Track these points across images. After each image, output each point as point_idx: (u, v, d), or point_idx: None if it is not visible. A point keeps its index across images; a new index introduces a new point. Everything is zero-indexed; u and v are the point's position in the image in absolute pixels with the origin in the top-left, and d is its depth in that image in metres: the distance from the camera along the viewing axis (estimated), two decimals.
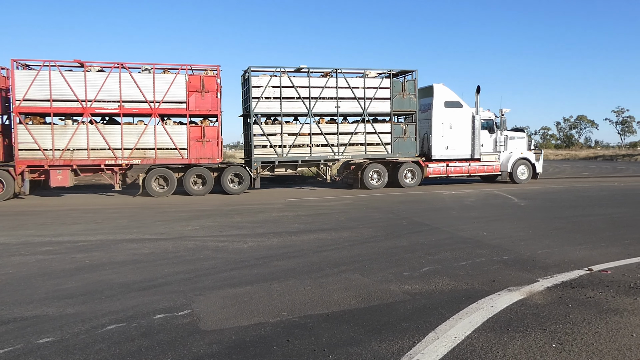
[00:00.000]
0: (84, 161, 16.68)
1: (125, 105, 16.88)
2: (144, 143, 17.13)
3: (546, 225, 9.88)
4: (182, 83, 17.25)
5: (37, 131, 16.35)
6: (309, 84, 18.67)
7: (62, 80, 16.33)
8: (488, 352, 3.80)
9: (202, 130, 17.55)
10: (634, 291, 5.31)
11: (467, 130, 20.68)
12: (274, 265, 6.77)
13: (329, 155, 19.07)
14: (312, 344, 4.02)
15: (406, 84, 19.72)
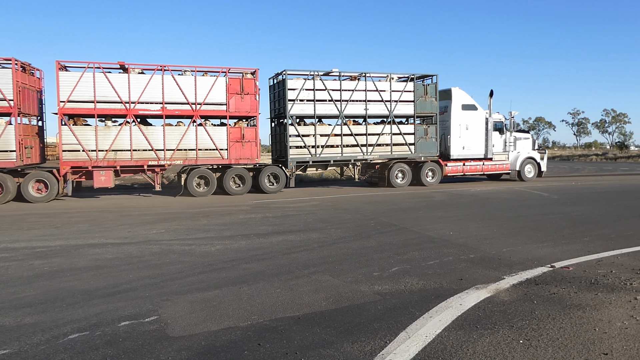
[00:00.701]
0: (127, 162, 16.80)
1: (168, 107, 17.10)
2: (186, 144, 17.40)
3: (509, 224, 10.12)
4: (222, 85, 17.61)
5: (81, 132, 16.43)
6: (340, 87, 19.31)
7: (106, 82, 16.41)
8: (458, 350, 3.84)
9: (242, 131, 18.00)
10: (594, 287, 5.48)
11: (481, 131, 21.86)
12: (242, 268, 6.68)
13: (358, 155, 19.78)
14: (284, 347, 3.97)
15: (428, 87, 20.64)
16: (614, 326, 4.28)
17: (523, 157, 22.87)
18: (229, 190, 17.80)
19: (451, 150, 21.49)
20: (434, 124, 20.97)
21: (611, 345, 3.87)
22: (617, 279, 5.75)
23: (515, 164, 22.71)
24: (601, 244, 7.85)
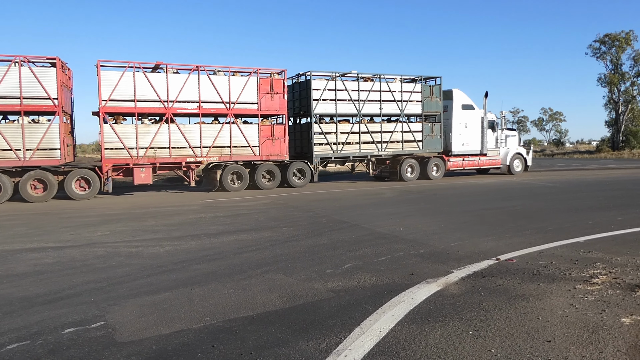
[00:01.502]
0: (166, 159, 17.38)
1: (204, 106, 17.75)
2: (221, 141, 18.13)
3: (456, 219, 10.44)
4: (254, 85, 18.48)
5: (122, 131, 16.80)
6: (358, 88, 20.62)
7: (145, 82, 16.85)
8: (411, 343, 3.92)
9: (272, 129, 19.00)
10: (537, 277, 5.75)
11: (478, 129, 23.76)
12: (193, 269, 6.53)
13: (374, 151, 21.23)
14: (239, 348, 3.91)
15: (433, 88, 22.35)
16: (555, 314, 4.49)
17: (512, 153, 25.16)
18: (260, 185, 18.81)
19: (452, 146, 23.23)
20: (438, 122, 22.70)
21: (554, 333, 4.06)
22: (557, 270, 6.05)
23: (505, 159, 24.94)
24: (542, 236, 8.24)
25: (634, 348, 3.74)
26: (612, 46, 51.57)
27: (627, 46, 51.11)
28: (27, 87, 15.41)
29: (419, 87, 22.00)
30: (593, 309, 4.62)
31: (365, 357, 3.69)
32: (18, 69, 15.29)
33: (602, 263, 6.31)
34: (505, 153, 24.95)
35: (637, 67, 52.04)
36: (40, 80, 15.54)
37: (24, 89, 15.36)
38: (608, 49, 52.05)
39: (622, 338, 3.93)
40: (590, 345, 3.80)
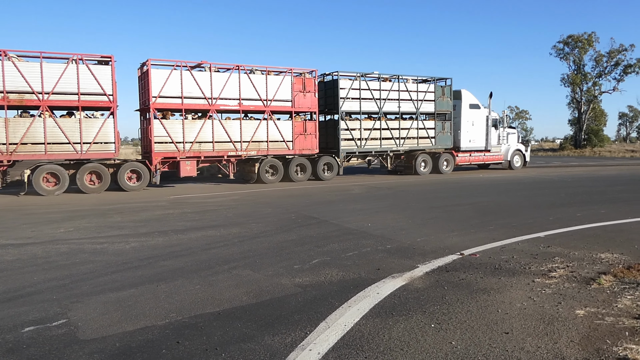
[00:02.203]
0: (209, 152, 18.51)
1: (244, 103, 18.99)
2: (258, 136, 19.44)
3: (423, 215, 10.62)
4: (288, 84, 19.84)
5: (171, 126, 17.83)
6: (379, 87, 22.10)
7: (191, 80, 17.96)
8: (375, 337, 4.00)
9: (304, 125, 20.35)
10: (498, 272, 5.92)
11: (483, 127, 25.42)
12: (160, 266, 6.47)
13: (392, 146, 22.79)
14: (204, 344, 3.91)
15: (444, 88, 24.06)
16: (514, 307, 4.65)
17: (513, 149, 27.18)
18: (293, 177, 20.11)
19: (461, 143, 24.91)
20: (449, 120, 24.35)
21: (512, 325, 4.21)
22: (518, 264, 6.24)
23: (506, 155, 26.95)
24: (505, 231, 8.47)
25: (586, 338, 3.91)
26: (575, 47, 53.06)
27: (589, 47, 52.65)
28: (84, 83, 16.24)
29: (432, 88, 23.58)
30: (550, 301, 4.80)
31: (330, 351, 3.74)
32: (76, 66, 16.12)
33: (560, 257, 6.54)
34: (506, 149, 26.89)
35: (599, 68, 53.73)
36: (97, 78, 16.44)
37: (81, 86, 16.19)
38: (571, 50, 53.54)
39: (576, 329, 4.10)
40: (546, 336, 3.96)
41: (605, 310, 4.52)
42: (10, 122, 15.59)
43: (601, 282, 5.35)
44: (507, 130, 27.20)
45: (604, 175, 22.58)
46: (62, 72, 15.90)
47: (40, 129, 15.82)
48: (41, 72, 15.70)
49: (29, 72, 15.60)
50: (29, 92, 15.66)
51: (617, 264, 6.18)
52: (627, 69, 52.29)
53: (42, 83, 15.72)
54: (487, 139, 25.47)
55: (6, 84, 15.29)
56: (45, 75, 15.74)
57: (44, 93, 15.75)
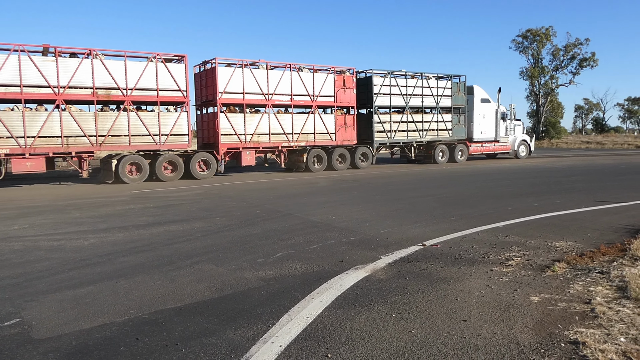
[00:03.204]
0: (266, 144, 20.39)
1: (295, 98, 20.90)
2: (307, 129, 21.36)
3: (388, 207, 10.75)
4: (331, 81, 21.89)
5: (234, 119, 19.51)
6: (406, 84, 24.27)
7: (251, 77, 19.72)
8: (337, 328, 4.03)
9: (345, 118, 22.44)
10: (458, 261, 6.06)
11: (493, 119, 27.89)
12: (120, 262, 6.33)
13: (417, 138, 24.97)
14: (164, 339, 3.86)
15: (459, 85, 26.20)
16: (472, 295, 4.77)
17: (519, 140, 29.87)
18: (335, 166, 22.08)
19: (474, 134, 27.28)
20: (463, 113, 26.57)
21: (470, 313, 4.32)
22: (477, 253, 6.41)
23: (514, 145, 29.58)
24: (466, 222, 8.66)
25: (540, 324, 4.06)
26: (534, 41, 54.59)
27: (547, 41, 54.30)
28: (162, 80, 17.71)
29: (449, 84, 25.77)
30: (506, 289, 4.95)
31: (292, 343, 3.76)
32: (155, 64, 17.54)
33: (517, 246, 6.75)
34: (513, 140, 29.49)
35: (556, 62, 55.50)
36: (173, 75, 17.89)
37: (159, 82, 17.65)
38: (530, 43, 55.06)
39: (530, 315, 4.24)
40: (502, 323, 4.08)
41: (558, 296, 4.70)
42: (99, 116, 16.90)
43: (555, 269, 5.55)
44: (514, 123, 29.57)
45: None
46: (143, 70, 17.37)
47: (124, 122, 17.21)
48: (125, 69, 17.10)
49: (114, 70, 16.96)
50: (115, 88, 17.01)
51: (570, 251, 6.42)
52: (582, 62, 54.24)
53: (126, 80, 17.12)
54: (496, 131, 27.99)
55: (95, 81, 16.61)
56: (129, 72, 17.16)
57: (127, 89, 17.15)
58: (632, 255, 5.88)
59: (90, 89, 16.56)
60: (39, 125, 15.90)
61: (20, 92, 15.53)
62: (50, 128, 16.10)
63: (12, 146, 15.56)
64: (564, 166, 23.23)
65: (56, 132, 16.18)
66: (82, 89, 16.45)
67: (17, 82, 15.43)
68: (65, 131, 16.29)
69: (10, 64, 15.32)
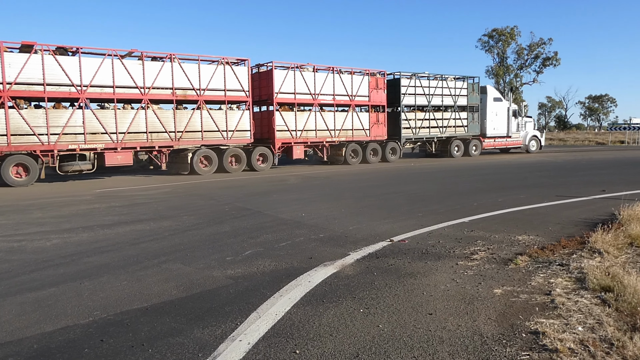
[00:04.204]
0: (313, 139, 22.65)
1: (337, 98, 23.17)
2: (347, 125, 23.70)
3: (357, 203, 10.83)
4: (366, 82, 24.20)
5: (287, 117, 21.68)
6: (429, 85, 26.66)
7: (301, 79, 21.93)
8: (305, 324, 4.06)
9: (377, 116, 24.83)
10: (425, 256, 6.17)
11: (504, 116, 30.17)
12: (84, 263, 6.19)
13: (437, 134, 27.41)
14: (130, 340, 3.80)
15: (474, 85, 28.70)
16: (438, 289, 4.87)
17: (530, 135, 32.48)
18: (368, 160, 24.47)
19: (487, 130, 29.66)
20: (477, 111, 28.96)
21: (435, 306, 4.41)
22: (443, 248, 6.53)
23: (525, 140, 32.11)
24: (433, 218, 8.81)
25: (502, 315, 4.17)
26: (499, 40, 55.85)
27: (512, 41, 55.65)
28: (229, 82, 19.79)
29: (465, 85, 28.21)
30: (471, 282, 5.07)
31: (260, 341, 3.76)
32: (223, 67, 19.59)
33: (482, 241, 6.91)
34: (524, 135, 31.97)
35: (520, 61, 56.92)
36: (238, 76, 20.00)
37: (227, 83, 19.75)
38: (495, 43, 56.30)
39: (494, 307, 4.36)
40: (466, 315, 4.18)
41: (520, 288, 4.84)
42: (178, 114, 18.72)
43: (518, 262, 5.72)
44: (525, 119, 32.18)
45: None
46: (213, 72, 19.38)
47: (198, 120, 19.22)
48: (199, 72, 19.04)
49: (190, 72, 18.85)
50: (190, 89, 18.92)
51: (532, 245, 6.61)
52: (545, 61, 55.81)
53: (200, 81, 19.04)
54: (508, 127, 30.32)
55: (174, 82, 18.44)
56: (202, 74, 19.11)
57: (200, 89, 19.09)
58: (590, 247, 6.10)
59: (170, 90, 18.49)
60: (128, 122, 17.73)
61: (113, 92, 17.34)
62: (137, 125, 17.96)
63: (106, 141, 17.37)
64: (540, 162, 23.87)
65: (142, 128, 18.06)
66: (163, 89, 18.38)
67: (110, 84, 17.27)
68: (150, 128, 18.20)
69: (104, 67, 17.14)
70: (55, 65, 16.28)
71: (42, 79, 16.07)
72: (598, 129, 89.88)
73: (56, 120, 16.45)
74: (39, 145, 16.18)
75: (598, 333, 3.73)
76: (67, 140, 16.68)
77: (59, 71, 16.34)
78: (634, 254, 5.92)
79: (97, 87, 17.02)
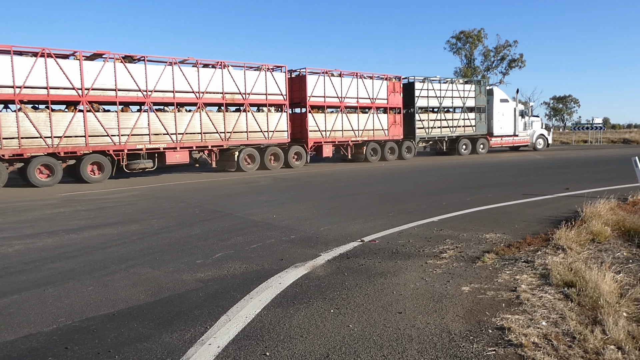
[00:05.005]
0: (340, 138, 24.47)
1: (360, 101, 25.12)
2: (368, 126, 25.56)
3: (327, 204, 10.86)
4: (385, 86, 26.13)
5: (318, 118, 23.62)
6: (440, 88, 28.62)
7: (330, 84, 23.90)
8: (276, 326, 4.05)
9: (394, 117, 26.73)
10: (395, 256, 6.23)
11: (511, 116, 32.14)
12: (48, 269, 6.02)
13: (448, 133, 29.30)
14: (96, 347, 3.72)
15: (481, 87, 30.79)
16: (407, 288, 4.93)
17: (537, 134, 34.53)
18: (387, 157, 26.40)
19: (494, 130, 31.52)
20: (484, 112, 30.83)
21: (405, 305, 4.46)
22: (413, 247, 6.61)
23: (532, 138, 34.14)
24: (403, 217, 8.91)
25: (470, 312, 4.25)
26: (467, 42, 56.89)
27: (479, 43, 56.76)
28: (269, 86, 21.58)
29: (473, 87, 30.20)
30: (440, 280, 5.15)
31: (230, 344, 3.73)
32: (265, 73, 21.37)
33: (450, 239, 7.03)
34: (531, 134, 33.94)
35: (487, 62, 58.10)
36: (277, 82, 21.82)
37: (268, 88, 21.53)
38: (463, 44, 57.33)
39: (461, 304, 4.44)
40: (435, 313, 4.25)
41: (487, 285, 4.94)
42: (227, 116, 20.51)
43: (485, 260, 5.84)
44: (532, 119, 34.12)
45: (511, 160, 24.54)
46: (256, 78, 21.15)
47: (243, 121, 20.99)
48: (244, 78, 20.86)
49: (237, 78, 20.66)
50: (237, 93, 20.73)
51: (499, 242, 6.76)
52: (511, 63, 57.12)
53: (245, 86, 20.85)
54: (514, 126, 32.22)
55: (225, 87, 20.24)
56: (247, 80, 20.91)
57: (246, 93, 20.89)
58: (554, 244, 6.28)
59: (220, 94, 20.24)
60: (185, 124, 19.41)
61: (173, 96, 18.96)
62: (193, 126, 19.66)
63: (167, 141, 18.95)
64: (505, 161, 24.37)
65: (197, 129, 19.78)
66: (215, 93, 20.08)
67: (170, 89, 18.89)
68: (204, 129, 19.93)
69: (166, 74, 18.70)
70: (125, 72, 17.83)
71: (114, 85, 17.60)
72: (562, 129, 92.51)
73: (125, 123, 18.00)
74: (111, 145, 17.70)
75: (561, 327, 3.84)
76: (135, 141, 18.23)
77: (127, 78, 17.88)
78: (595, 249, 6.12)
79: (159, 92, 18.65)
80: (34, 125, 16.09)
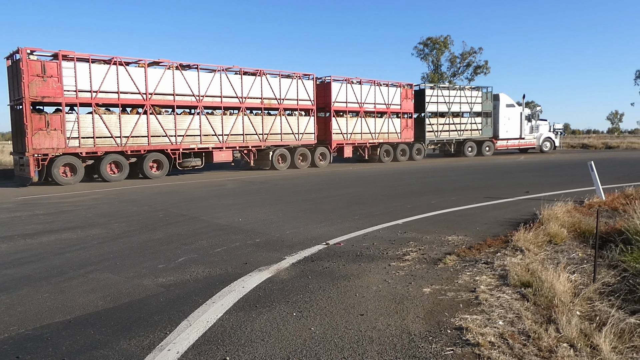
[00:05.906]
0: (359, 141, 26.81)
1: (377, 106, 27.38)
2: (383, 129, 27.90)
3: (294, 207, 10.84)
4: (398, 93, 28.44)
5: (340, 122, 25.87)
6: (449, 94, 30.92)
7: (351, 90, 26.24)
8: (237, 330, 4.01)
9: (407, 122, 29.09)
10: (359, 258, 6.27)
11: (517, 120, 34.16)
12: (1, 275, 5.80)
13: (456, 137, 31.66)
14: (50, 355, 3.61)
15: (487, 94, 32.77)
16: (370, 290, 4.97)
17: (544, 137, 36.48)
18: (398, 159, 28.64)
19: (500, 133, 33.55)
20: (490, 116, 32.93)
21: (367, 307, 4.50)
22: (377, 250, 6.67)
23: (538, 141, 36.11)
24: (369, 220, 8.98)
25: (430, 313, 4.32)
26: (434, 48, 57.91)
27: (445, 49, 57.85)
28: (300, 93, 23.92)
29: (480, 93, 32.32)
30: (402, 282, 5.21)
31: (190, 349, 3.68)
32: (296, 81, 23.75)
33: (414, 242, 7.13)
34: (538, 137, 35.88)
35: (453, 68, 59.25)
36: (306, 89, 24.16)
37: (299, 95, 23.86)
38: (430, 51, 58.33)
39: (422, 306, 4.51)
40: (396, 314, 4.29)
41: (447, 286, 5.03)
42: (264, 119, 22.73)
43: (446, 261, 5.94)
44: (539, 122, 36.15)
45: (462, 165, 25.01)
46: (289, 85, 23.47)
47: (278, 124, 23.25)
48: (279, 85, 23.11)
49: (273, 85, 22.91)
50: (273, 99, 22.96)
51: (461, 244, 6.90)
52: (477, 69, 58.43)
53: (280, 92, 23.16)
54: (520, 130, 34.12)
55: (263, 93, 22.49)
56: (282, 87, 23.21)
57: (280, 99, 23.19)
58: (513, 246, 6.44)
59: (259, 99, 22.50)
60: (230, 126, 21.64)
61: (220, 101, 21.22)
62: (237, 128, 21.92)
63: (215, 142, 21.18)
64: (465, 165, 24.86)
65: (239, 131, 22.00)
66: (254, 99, 22.33)
67: (218, 94, 21.09)
68: (245, 130, 22.17)
69: (215, 80, 20.86)
70: (181, 79, 20.00)
71: (172, 90, 19.76)
72: None
73: (181, 124, 20.18)
74: (169, 144, 19.87)
75: (517, 326, 3.95)
76: (188, 141, 20.44)
77: (183, 84, 20.05)
78: (552, 250, 6.31)
79: (209, 97, 20.85)
80: (107, 126, 18.18)
